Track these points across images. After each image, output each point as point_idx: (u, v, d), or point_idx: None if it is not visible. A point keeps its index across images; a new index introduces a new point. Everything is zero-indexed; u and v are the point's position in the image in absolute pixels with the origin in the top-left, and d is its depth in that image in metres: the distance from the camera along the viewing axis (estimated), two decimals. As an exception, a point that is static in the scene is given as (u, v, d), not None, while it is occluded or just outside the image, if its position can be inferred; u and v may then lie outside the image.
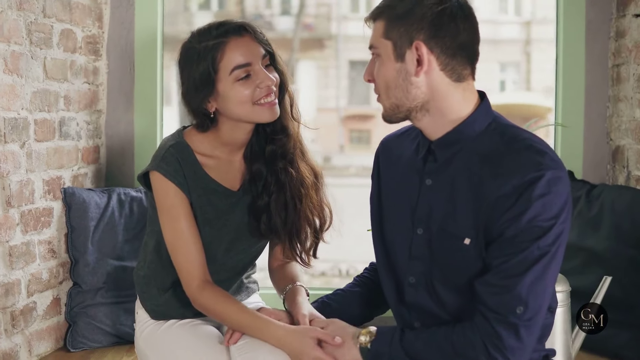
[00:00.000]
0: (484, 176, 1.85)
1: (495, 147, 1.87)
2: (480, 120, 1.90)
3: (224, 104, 2.23)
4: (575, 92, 3.27)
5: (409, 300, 2.01)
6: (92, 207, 2.99)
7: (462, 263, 1.89)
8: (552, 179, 1.79)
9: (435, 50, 1.84)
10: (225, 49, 2.20)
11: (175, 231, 2.24)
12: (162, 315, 2.37)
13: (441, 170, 1.93)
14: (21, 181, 2.69)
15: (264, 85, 2.20)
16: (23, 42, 2.69)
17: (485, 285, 1.84)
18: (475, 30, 1.88)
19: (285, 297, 2.33)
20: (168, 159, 2.24)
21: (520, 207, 1.79)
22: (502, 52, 10.67)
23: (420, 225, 1.96)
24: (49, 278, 2.88)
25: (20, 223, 2.70)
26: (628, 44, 3.07)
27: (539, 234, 1.79)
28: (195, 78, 2.22)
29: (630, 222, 2.84)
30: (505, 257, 1.81)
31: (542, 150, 1.84)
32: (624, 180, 3.11)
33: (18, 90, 2.66)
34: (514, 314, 1.81)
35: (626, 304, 2.78)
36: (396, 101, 1.90)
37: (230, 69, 2.19)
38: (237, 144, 2.33)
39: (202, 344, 2.26)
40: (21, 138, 2.69)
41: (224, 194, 2.31)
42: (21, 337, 2.71)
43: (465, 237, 1.87)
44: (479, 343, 1.83)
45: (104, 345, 2.96)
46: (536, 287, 1.81)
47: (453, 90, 1.88)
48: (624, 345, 2.78)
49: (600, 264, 2.87)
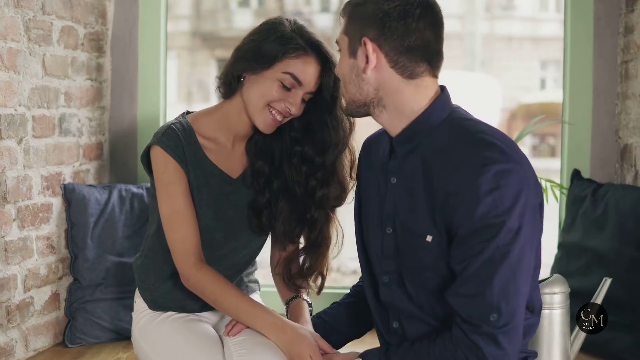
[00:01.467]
0: (435, 171, 1.83)
1: (448, 140, 1.85)
2: (436, 115, 1.88)
3: (253, 84, 2.24)
4: (583, 89, 3.21)
5: (384, 300, 2.00)
6: (92, 203, 3.00)
7: (427, 261, 1.87)
8: (499, 172, 1.74)
9: (384, 48, 1.85)
10: (301, 56, 2.22)
11: (173, 207, 2.23)
12: (161, 306, 2.37)
13: (402, 168, 1.92)
14: (18, 177, 2.71)
15: (287, 105, 2.22)
16: (21, 38, 2.71)
17: (455, 296, 1.81)
18: (433, 30, 1.86)
19: (288, 308, 2.33)
20: (169, 135, 2.24)
21: (470, 204, 1.75)
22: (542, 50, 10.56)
23: (389, 224, 1.95)
24: (47, 273, 2.90)
25: (17, 218, 2.72)
26: (637, 39, 3.00)
27: (494, 232, 1.75)
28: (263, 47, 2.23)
29: (634, 223, 2.78)
30: (466, 261, 1.78)
31: (491, 142, 1.79)
32: (631, 179, 3.04)
33: (15, 87, 2.68)
34: (488, 322, 1.77)
35: (629, 306, 2.72)
36: (351, 96, 1.92)
37: (289, 70, 2.20)
38: (239, 132, 2.33)
39: (196, 339, 2.25)
40: (18, 134, 2.71)
41: (222, 179, 2.31)
42: (17, 332, 2.73)
43: (427, 234, 1.85)
44: (461, 356, 1.80)
45: (102, 341, 2.97)
46: (507, 291, 1.77)
47: (405, 87, 1.87)
48: (626, 348, 2.73)
49: (604, 265, 2.82)
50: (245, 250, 2.40)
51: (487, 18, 8.92)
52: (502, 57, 9.64)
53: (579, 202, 3.05)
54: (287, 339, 2.11)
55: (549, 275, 2.39)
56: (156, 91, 3.32)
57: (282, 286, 2.42)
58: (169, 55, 3.40)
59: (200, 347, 2.22)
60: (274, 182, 2.36)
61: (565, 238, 3.07)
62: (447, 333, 1.84)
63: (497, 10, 8.89)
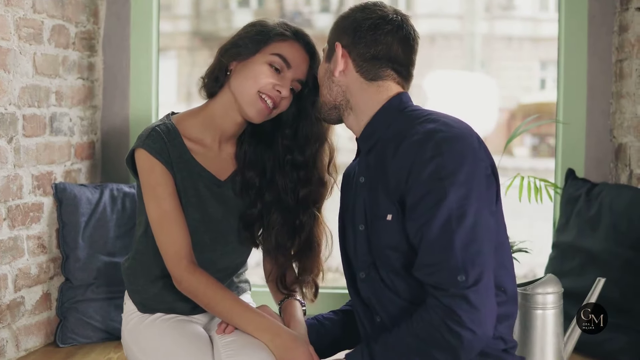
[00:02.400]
0: (389, 154, 1.95)
1: (398, 127, 1.98)
2: (392, 109, 2.02)
3: (242, 71, 2.24)
4: (578, 88, 3.19)
5: (364, 295, 2.06)
6: (83, 203, 2.99)
7: (390, 241, 1.94)
8: (441, 139, 1.85)
9: (352, 54, 2.03)
10: (288, 40, 2.27)
11: (161, 210, 2.21)
12: (151, 309, 2.35)
13: (366, 165, 2.04)
14: (8, 176, 2.70)
15: (278, 89, 2.23)
16: (11, 37, 2.70)
17: (421, 269, 1.86)
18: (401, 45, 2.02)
19: (281, 308, 2.34)
20: (154, 137, 2.23)
21: (415, 172, 1.85)
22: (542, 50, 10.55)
23: (360, 221, 2.04)
24: (38, 273, 2.88)
25: (7, 218, 2.70)
26: (631, 38, 2.98)
27: (440, 196, 1.82)
28: (248, 36, 2.27)
29: (628, 223, 2.76)
30: (420, 231, 1.84)
31: (435, 119, 1.93)
32: (626, 179, 3.02)
33: (5, 86, 2.67)
34: (456, 283, 1.81)
35: (623, 307, 2.71)
36: (323, 98, 2.10)
37: (277, 52, 2.24)
38: (226, 132, 2.32)
39: (185, 340, 2.23)
40: (8, 133, 2.69)
41: (210, 180, 2.29)
42: (8, 332, 2.72)
43: (387, 214, 1.94)
44: (439, 322, 1.82)
45: (94, 341, 2.96)
46: (470, 252, 1.81)
47: (366, 87, 2.03)
48: (620, 349, 2.71)
49: (598, 265, 2.80)
50: (235, 254, 2.39)
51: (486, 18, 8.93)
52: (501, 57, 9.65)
53: (573, 201, 3.03)
54: (282, 343, 2.10)
55: (543, 275, 2.38)
56: (148, 90, 3.31)
57: (276, 291, 2.41)
58: (168, 55, 3.39)
59: (189, 348, 2.20)
60: (265, 195, 2.35)
61: (559, 238, 3.06)
62: (422, 307, 1.87)
63: (496, 10, 8.89)
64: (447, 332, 1.81)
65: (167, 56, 3.41)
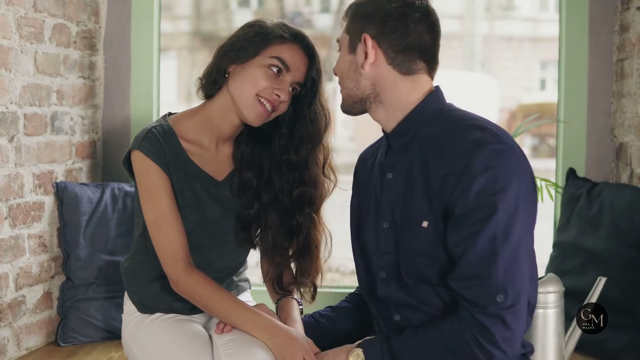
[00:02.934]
0: (432, 158, 1.89)
1: (441, 129, 1.91)
2: (430, 107, 1.96)
3: (240, 74, 2.22)
4: (579, 87, 3.19)
5: (382, 295, 2.02)
6: (84, 202, 2.99)
7: (422, 247, 1.89)
8: (493, 152, 1.80)
9: (383, 45, 1.93)
10: (287, 43, 2.24)
11: (157, 212, 2.21)
12: (150, 309, 2.35)
13: (399, 161, 1.98)
14: (9, 175, 2.70)
15: (277, 93, 2.20)
16: (12, 36, 2.70)
17: (458, 280, 1.83)
18: (430, 34, 1.95)
19: (278, 307, 2.33)
20: (150, 138, 2.22)
21: (464, 184, 1.80)
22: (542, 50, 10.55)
23: (385, 218, 1.99)
24: (39, 272, 2.88)
25: (8, 217, 2.70)
26: (632, 38, 2.99)
27: (490, 211, 1.78)
28: (246, 38, 2.24)
29: (629, 222, 2.76)
30: (464, 243, 1.80)
31: (483, 126, 1.86)
32: (627, 178, 3.02)
33: (6, 84, 2.67)
34: (495, 303, 1.79)
35: (624, 306, 2.70)
36: (348, 91, 1.99)
37: (276, 55, 2.21)
38: (223, 133, 2.31)
39: (184, 339, 2.23)
40: (9, 132, 2.69)
41: (207, 181, 2.29)
42: (9, 331, 2.72)
43: (422, 220, 1.89)
44: (472, 338, 1.81)
45: (95, 340, 2.96)
46: (511, 272, 1.79)
47: (400, 82, 1.95)
48: (621, 348, 2.71)
49: (599, 264, 2.80)
50: (233, 254, 2.39)
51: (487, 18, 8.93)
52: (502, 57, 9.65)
53: (574, 201, 3.03)
54: (280, 341, 2.10)
55: (544, 275, 2.38)
56: (149, 89, 3.31)
57: (273, 290, 2.41)
58: (169, 55, 3.39)
59: (189, 347, 2.20)
60: (263, 195, 2.34)
61: (560, 237, 3.06)
62: (453, 316, 1.85)
63: (497, 10, 8.89)
64: (479, 349, 1.81)
65: (167, 56, 3.41)
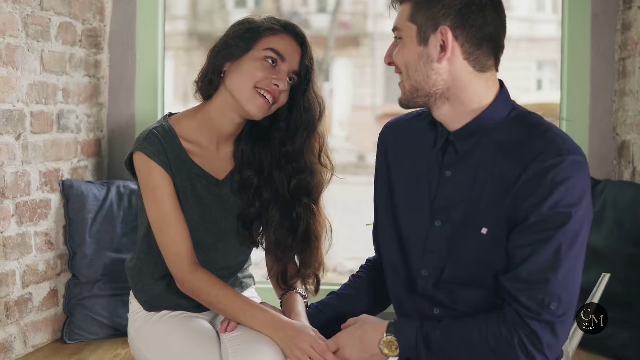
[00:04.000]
0: (505, 164, 1.82)
1: (515, 134, 1.84)
2: (500, 110, 1.87)
3: (236, 71, 2.23)
4: (581, 86, 3.21)
5: (421, 292, 1.97)
6: (90, 200, 3.00)
7: (476, 253, 1.86)
8: (573, 162, 1.77)
9: (460, 39, 1.82)
10: (278, 33, 2.25)
11: (161, 212, 2.22)
12: (156, 307, 2.36)
13: (462, 162, 1.90)
14: (16, 172, 2.71)
15: (275, 82, 2.21)
16: (19, 34, 2.71)
17: (515, 281, 1.80)
18: (502, 22, 1.86)
19: (282, 302, 2.33)
20: (151, 139, 2.23)
21: (543, 191, 1.76)
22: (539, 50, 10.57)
23: (439, 217, 1.92)
24: (45, 269, 2.89)
25: (15, 214, 2.71)
26: (634, 36, 3.01)
27: (563, 221, 1.76)
28: (237, 35, 2.26)
29: (632, 219, 2.78)
30: (531, 247, 1.78)
31: (563, 136, 1.82)
32: (629, 175, 3.04)
33: (13, 82, 2.68)
34: (548, 310, 1.78)
35: (626, 302, 2.73)
36: (416, 84, 1.87)
37: (268, 46, 2.22)
38: (223, 132, 2.32)
39: (192, 336, 2.24)
40: (16, 129, 2.70)
41: (208, 180, 2.30)
42: (16, 328, 2.73)
43: (482, 226, 1.84)
44: (519, 342, 1.80)
45: (101, 337, 2.97)
46: (568, 281, 1.78)
47: (475, 80, 1.85)
48: (623, 344, 2.73)
49: (601, 261, 2.82)
50: (236, 252, 2.40)
51: (483, 18, 8.95)
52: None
53: (576, 198, 3.05)
54: (286, 335, 2.11)
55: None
56: (154, 88, 3.32)
57: (277, 286, 2.41)
58: (165, 55, 3.39)
59: (197, 344, 2.21)
60: (263, 193, 2.34)
61: (563, 234, 3.07)
62: (499, 316, 1.83)
63: (493, 10, 8.91)
64: (523, 353, 1.80)
65: (165, 55, 3.41)
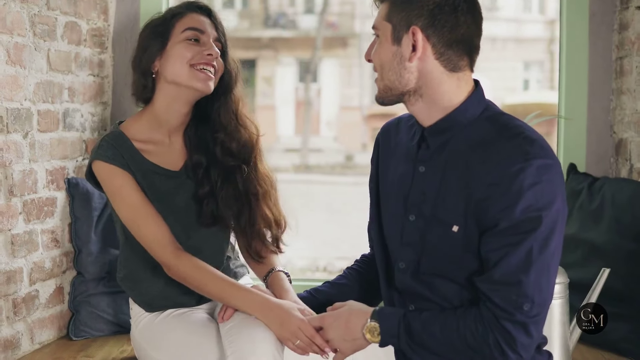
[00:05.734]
0: (474, 163, 1.86)
1: (486, 134, 1.88)
2: (473, 108, 1.92)
3: (167, 62, 2.34)
4: (579, 84, 3.25)
5: (398, 286, 2.03)
6: (95, 198, 3.02)
7: (449, 250, 1.90)
8: (541, 166, 1.79)
9: (431, 39, 1.86)
10: (186, 15, 2.37)
11: (132, 207, 2.30)
12: (158, 307, 2.39)
13: (434, 157, 1.94)
14: (24, 170, 2.73)
15: (207, 52, 2.32)
16: (26, 33, 2.73)
17: (489, 283, 1.84)
18: (477, 24, 1.90)
19: (267, 283, 2.36)
20: (104, 146, 2.33)
21: (512, 197, 1.78)
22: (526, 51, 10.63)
23: (413, 211, 1.97)
24: (51, 267, 2.91)
25: (22, 212, 2.73)
26: (631, 36, 3.06)
27: (534, 225, 1.78)
28: (151, 35, 2.37)
29: (630, 215, 2.83)
30: (503, 251, 1.81)
31: (531, 137, 1.83)
32: (626, 173, 3.09)
33: (21, 81, 2.70)
34: (522, 311, 1.81)
35: (626, 297, 2.77)
36: (389, 83, 1.92)
37: (184, 28, 2.34)
38: (173, 125, 2.41)
39: (191, 328, 2.27)
40: (24, 128, 2.72)
41: (166, 175, 2.38)
42: (23, 325, 2.75)
43: (453, 224, 1.88)
44: (493, 341, 1.84)
45: (106, 334, 2.99)
46: (541, 282, 1.81)
47: (447, 79, 1.90)
48: (623, 338, 2.77)
49: (601, 256, 2.86)
50: (211, 238, 2.43)
51: (471, 19, 9.00)
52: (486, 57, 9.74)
53: (575, 195, 3.10)
54: (275, 316, 2.13)
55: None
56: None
57: (255, 265, 2.47)
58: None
59: (198, 339, 2.24)
60: (211, 171, 2.41)
61: (562, 231, 3.12)
62: (476, 313, 1.86)
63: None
64: (498, 351, 1.84)
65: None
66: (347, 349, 2.02)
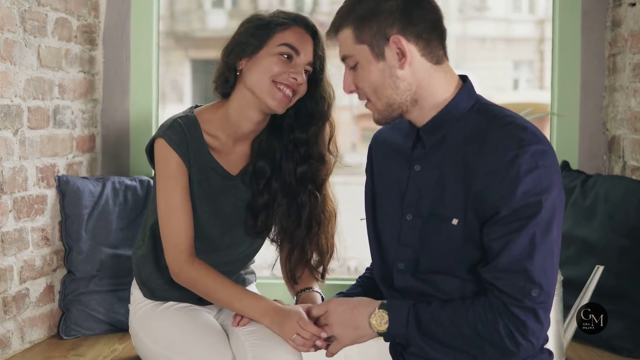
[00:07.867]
0: (469, 156, 1.87)
1: (478, 125, 1.89)
2: (464, 102, 1.93)
3: (252, 67, 2.26)
4: (571, 82, 3.25)
5: (398, 286, 2.03)
6: (86, 195, 3.00)
7: (448, 244, 1.90)
8: (535, 152, 1.80)
9: (412, 39, 1.87)
10: (291, 27, 2.27)
11: (169, 203, 2.26)
12: (160, 297, 2.37)
13: (429, 155, 1.95)
14: (14, 168, 2.70)
15: (293, 76, 2.24)
16: (17, 29, 2.70)
17: (494, 272, 1.84)
18: (436, 6, 1.92)
19: (298, 299, 2.36)
20: (175, 128, 2.27)
21: (510, 184, 1.80)
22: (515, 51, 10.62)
23: (410, 210, 1.97)
24: (42, 265, 2.89)
25: (13, 209, 2.71)
26: (624, 33, 3.06)
27: (535, 210, 1.80)
28: (248, 33, 2.28)
29: (623, 212, 2.82)
30: (506, 238, 1.81)
31: (523, 125, 1.85)
32: (619, 170, 3.09)
33: (11, 78, 2.68)
34: (530, 297, 1.81)
35: (619, 293, 2.77)
36: (388, 100, 1.92)
37: (282, 42, 2.25)
38: (240, 131, 2.35)
39: (200, 330, 2.26)
40: (14, 125, 2.70)
41: (222, 175, 2.33)
42: (13, 324, 2.72)
43: (453, 217, 1.89)
44: (505, 329, 1.83)
45: (97, 333, 2.96)
46: (546, 268, 1.82)
47: (434, 74, 1.92)
48: (617, 335, 2.77)
49: (594, 254, 2.86)
50: (242, 247, 2.42)
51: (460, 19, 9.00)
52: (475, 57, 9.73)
53: (568, 193, 3.09)
54: (278, 320, 2.13)
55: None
56: (148, 84, 3.32)
57: (291, 286, 2.45)
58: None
59: (206, 339, 2.23)
60: (273, 183, 2.38)
61: (554, 228, 3.11)
62: (485, 302, 1.86)
63: (470, 11, 8.96)
64: (509, 339, 1.83)
65: (159, 53, 3.41)
66: (346, 337, 2.01)
